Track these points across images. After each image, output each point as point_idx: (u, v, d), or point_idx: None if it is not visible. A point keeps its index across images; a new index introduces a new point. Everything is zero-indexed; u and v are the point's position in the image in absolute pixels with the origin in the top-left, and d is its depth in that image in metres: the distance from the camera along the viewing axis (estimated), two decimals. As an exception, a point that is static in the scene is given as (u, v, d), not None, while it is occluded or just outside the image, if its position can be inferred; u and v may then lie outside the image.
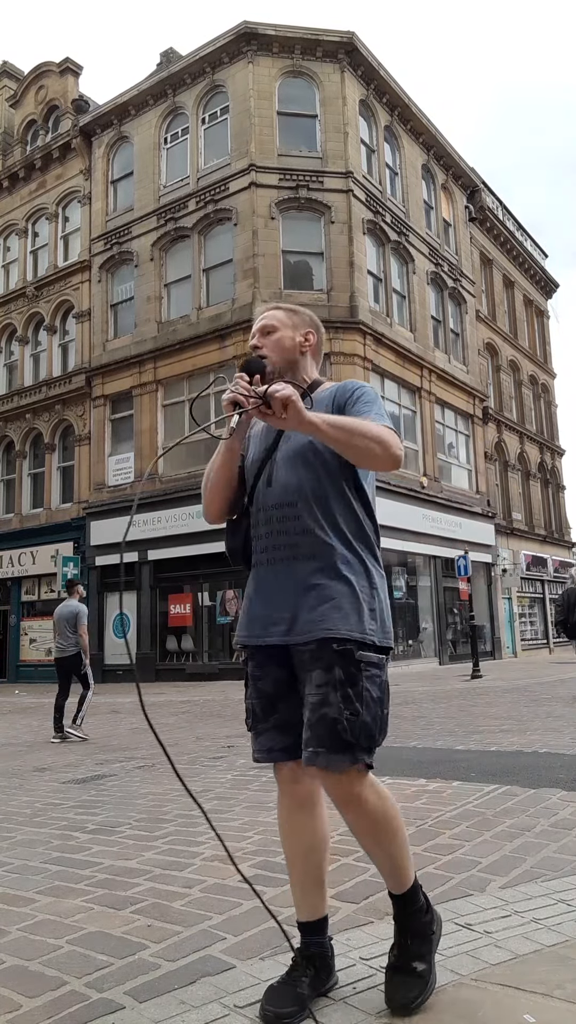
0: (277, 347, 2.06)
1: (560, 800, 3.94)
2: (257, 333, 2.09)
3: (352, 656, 1.82)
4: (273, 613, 1.92)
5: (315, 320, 2.17)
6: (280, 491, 1.95)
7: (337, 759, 1.77)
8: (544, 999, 1.83)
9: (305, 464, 1.94)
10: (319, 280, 19.04)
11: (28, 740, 8.34)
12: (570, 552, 33.09)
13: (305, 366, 2.11)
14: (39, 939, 2.39)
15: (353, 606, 1.86)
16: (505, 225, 29.31)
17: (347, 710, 1.78)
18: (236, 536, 2.06)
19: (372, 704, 1.83)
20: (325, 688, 1.80)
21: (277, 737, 1.95)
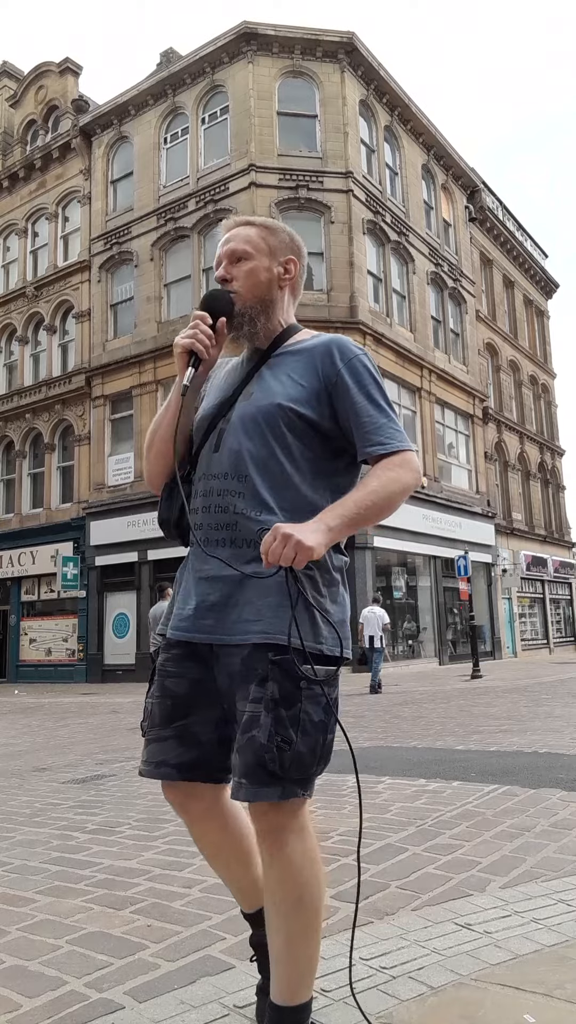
0: (249, 280, 1.65)
1: (560, 800, 3.93)
2: (224, 259, 1.68)
3: (292, 670, 1.46)
4: (201, 603, 1.58)
5: (297, 242, 1.75)
6: (227, 459, 1.57)
7: (262, 792, 1.44)
8: (544, 999, 1.82)
9: (262, 429, 1.57)
10: (319, 280, 19.05)
11: (28, 740, 8.34)
12: (570, 552, 33.10)
13: (283, 304, 1.71)
14: (39, 939, 2.39)
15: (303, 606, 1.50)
16: (505, 225, 29.32)
17: (279, 735, 1.44)
18: (171, 506, 1.65)
19: (311, 730, 1.47)
20: (257, 707, 1.46)
21: (175, 749, 1.60)
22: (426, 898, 2.57)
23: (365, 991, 1.91)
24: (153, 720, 1.63)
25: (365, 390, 1.60)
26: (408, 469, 1.55)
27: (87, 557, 20.63)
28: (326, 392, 1.59)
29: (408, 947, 2.15)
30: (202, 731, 1.60)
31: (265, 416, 1.57)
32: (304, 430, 1.57)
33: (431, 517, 20.79)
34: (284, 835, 1.47)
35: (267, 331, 1.68)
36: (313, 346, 1.65)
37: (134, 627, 19.69)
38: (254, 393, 1.61)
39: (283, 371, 1.62)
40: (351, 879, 2.81)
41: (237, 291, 1.65)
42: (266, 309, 1.66)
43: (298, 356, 1.64)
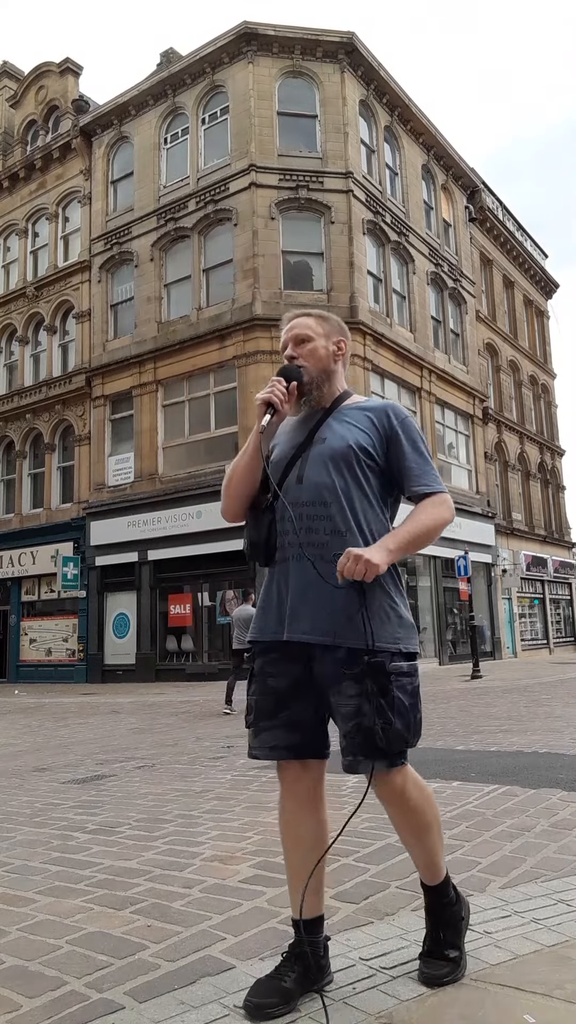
0: (312, 357, 2.08)
1: (560, 800, 3.94)
2: (291, 342, 2.11)
3: (383, 668, 1.86)
4: (297, 611, 1.92)
5: (343, 326, 2.20)
6: (312, 489, 1.97)
7: (375, 764, 1.85)
8: (544, 999, 1.83)
9: (339, 466, 1.97)
10: (319, 280, 19.05)
11: (28, 740, 8.33)
12: (570, 552, 33.09)
13: (339, 373, 2.15)
14: (39, 939, 2.39)
15: (384, 614, 1.90)
16: (505, 225, 29.31)
17: (381, 720, 1.83)
18: (259, 529, 2.02)
19: (404, 711, 1.88)
20: (358, 699, 1.85)
21: (283, 735, 1.95)
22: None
23: (365, 991, 1.91)
24: (260, 713, 1.99)
25: (414, 443, 2.04)
26: (446, 508, 2.02)
27: (87, 557, 20.62)
28: (384, 441, 2.04)
29: (408, 947, 2.16)
30: (303, 716, 1.96)
31: (341, 455, 1.99)
32: (369, 467, 2.00)
33: (431, 517, 20.76)
34: (404, 790, 1.93)
35: (328, 394, 2.11)
36: (372, 406, 2.11)
37: (134, 627, 19.69)
38: (327, 438, 2.02)
39: (349, 422, 2.05)
40: (351, 879, 2.82)
41: (304, 365, 2.07)
42: (328, 378, 2.11)
43: (360, 412, 2.08)
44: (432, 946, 1.99)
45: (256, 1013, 1.80)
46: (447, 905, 2.03)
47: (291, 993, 1.85)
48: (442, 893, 2.04)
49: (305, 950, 1.91)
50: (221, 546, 17.75)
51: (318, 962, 1.95)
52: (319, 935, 1.98)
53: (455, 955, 1.97)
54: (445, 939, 1.99)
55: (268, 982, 1.88)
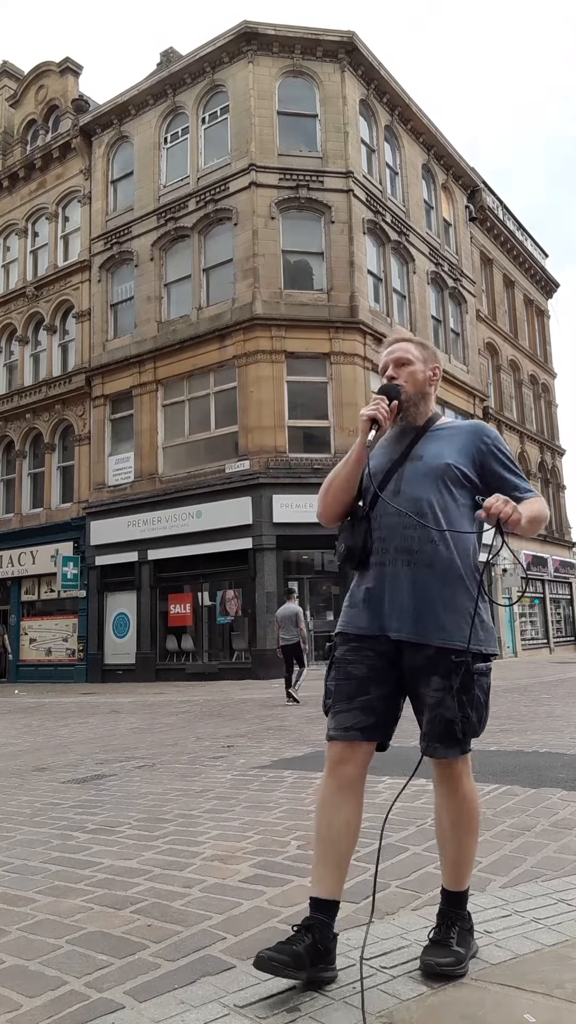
0: (411, 379, 2.26)
1: (560, 800, 3.93)
2: (392, 364, 2.29)
3: (468, 667, 2.03)
4: (391, 611, 2.10)
5: (437, 354, 2.43)
6: (409, 501, 2.12)
7: (450, 752, 2.06)
8: (544, 999, 1.83)
9: (435, 481, 2.14)
10: (319, 280, 19.04)
11: (28, 740, 8.33)
12: (570, 552, 33.09)
13: (432, 397, 2.35)
14: (39, 939, 2.39)
15: (469, 617, 2.06)
16: (505, 225, 29.30)
17: (461, 713, 2.02)
18: (356, 536, 2.18)
19: (480, 706, 2.08)
20: (441, 692, 2.04)
21: (359, 717, 2.10)
22: (426, 898, 2.57)
23: (365, 991, 1.91)
24: (340, 696, 2.14)
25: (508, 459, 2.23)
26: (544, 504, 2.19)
27: (87, 557, 20.62)
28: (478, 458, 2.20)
29: (408, 947, 2.16)
30: (378, 703, 2.11)
31: (437, 471, 2.15)
32: (462, 482, 2.16)
33: (431, 517, 20.78)
34: (462, 778, 2.10)
35: (422, 414, 2.30)
36: (463, 427, 2.29)
37: (134, 627, 19.69)
38: (423, 456, 2.20)
39: (443, 441, 2.23)
40: (351, 879, 2.81)
41: (403, 386, 2.25)
42: (424, 399, 2.30)
43: (452, 432, 2.26)
44: (440, 936, 2.06)
45: (264, 963, 1.89)
46: (460, 916, 2.11)
47: (301, 957, 1.91)
48: (460, 902, 2.13)
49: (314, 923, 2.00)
50: (221, 546, 17.76)
51: (328, 939, 2.00)
52: (331, 916, 2.04)
53: (460, 951, 2.02)
54: (454, 935, 2.06)
55: (280, 945, 1.96)
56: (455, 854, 2.13)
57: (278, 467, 17.44)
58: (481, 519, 2.02)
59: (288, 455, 17.70)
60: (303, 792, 4.46)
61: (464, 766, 2.11)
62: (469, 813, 2.12)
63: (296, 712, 9.76)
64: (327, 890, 2.05)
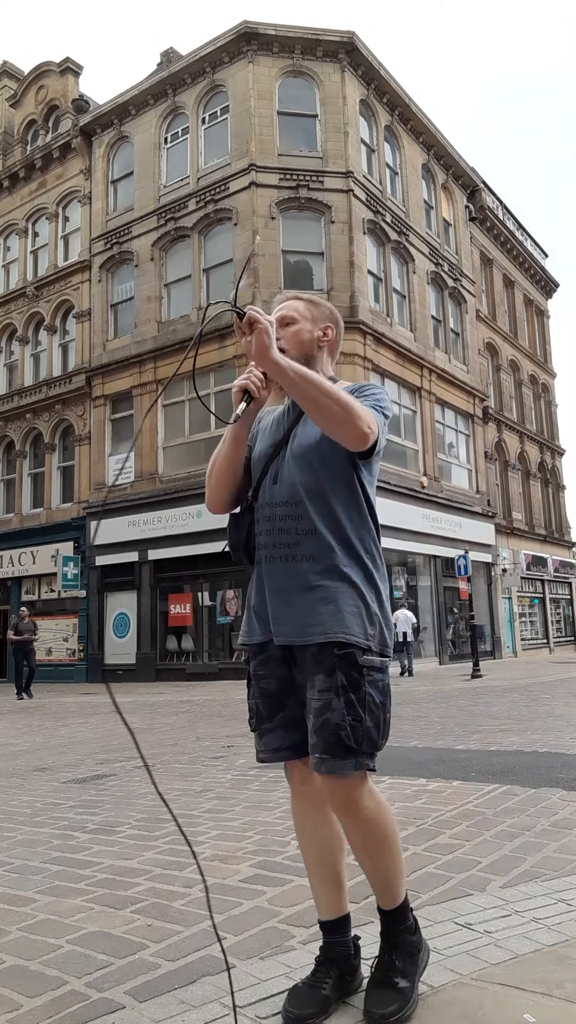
0: (294, 340, 1.99)
1: (560, 800, 3.94)
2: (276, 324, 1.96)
3: (355, 661, 1.79)
4: (274, 612, 1.88)
5: (335, 314, 2.11)
6: (286, 489, 1.90)
7: (340, 764, 1.76)
8: (544, 999, 1.83)
9: (313, 462, 1.89)
10: (319, 280, 19.04)
11: (28, 740, 8.34)
12: (570, 552, 33.10)
13: (322, 361, 2.04)
14: (39, 939, 2.39)
15: (355, 610, 1.82)
16: (505, 225, 29.30)
17: (350, 716, 1.76)
18: (239, 531, 2.00)
19: (375, 709, 1.81)
20: (328, 693, 1.78)
21: (284, 736, 1.92)
22: (426, 898, 2.58)
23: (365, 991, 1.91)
24: (260, 717, 1.96)
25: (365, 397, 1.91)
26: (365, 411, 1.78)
27: (87, 557, 20.63)
28: None
29: (408, 947, 2.15)
30: (298, 714, 1.90)
31: (311, 452, 1.90)
32: (340, 463, 1.88)
33: (431, 517, 20.80)
34: (360, 800, 1.80)
35: None
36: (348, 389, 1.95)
37: (134, 627, 19.69)
38: (302, 433, 1.94)
39: None
40: (351, 879, 2.81)
41: (284, 348, 1.93)
42: (308, 364, 1.93)
43: None
44: (380, 973, 1.83)
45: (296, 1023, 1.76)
46: (403, 932, 1.89)
47: (329, 1000, 1.81)
48: (398, 919, 1.89)
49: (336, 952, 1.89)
50: (221, 546, 17.56)
51: (351, 964, 1.92)
52: (346, 935, 1.94)
53: (405, 985, 1.80)
54: (397, 965, 1.83)
55: (307, 990, 1.83)
56: (375, 873, 1.89)
57: (278, 467, 17.43)
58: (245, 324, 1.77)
59: (288, 455, 17.68)
60: (303, 792, 4.46)
61: (361, 786, 1.81)
62: (379, 834, 1.84)
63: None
64: (333, 910, 1.94)
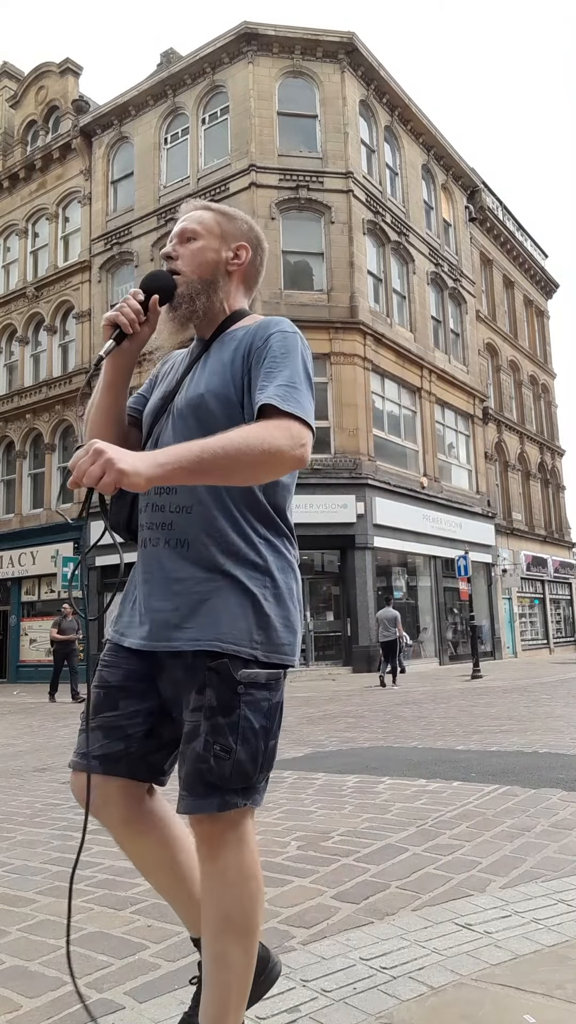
0: (195, 260, 1.57)
1: (560, 800, 3.93)
2: (175, 237, 1.61)
3: (229, 675, 1.39)
4: (141, 608, 1.52)
5: (255, 232, 1.69)
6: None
7: (199, 804, 1.38)
8: (544, 999, 1.82)
9: (193, 423, 1.47)
10: (319, 280, 19.05)
11: (28, 740, 8.33)
12: (570, 552, 33.10)
13: (228, 290, 1.62)
14: (39, 939, 2.39)
15: (237, 610, 1.42)
16: (505, 225, 29.32)
17: (216, 744, 1.38)
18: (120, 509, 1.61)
19: (251, 737, 1.40)
20: (196, 714, 1.40)
21: (99, 739, 1.50)
22: (426, 898, 2.57)
23: (365, 991, 1.91)
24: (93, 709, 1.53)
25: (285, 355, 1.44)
26: (286, 435, 1.33)
27: (87, 557, 20.61)
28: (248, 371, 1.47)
29: (408, 947, 2.15)
30: (132, 724, 1.50)
31: (193, 409, 1.49)
32: (230, 420, 1.43)
33: (431, 517, 20.80)
34: (220, 848, 1.40)
35: (209, 315, 1.58)
36: (250, 327, 1.55)
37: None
38: (191, 384, 1.53)
39: (216, 359, 1.53)
40: (351, 879, 2.81)
41: (180, 270, 1.57)
42: (207, 290, 1.57)
43: (235, 340, 1.54)
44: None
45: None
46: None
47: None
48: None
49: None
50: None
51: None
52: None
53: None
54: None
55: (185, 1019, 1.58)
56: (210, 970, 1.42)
57: (278, 467, 17.43)
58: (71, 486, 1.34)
59: (288, 455, 17.68)
60: (303, 792, 4.46)
61: (228, 830, 1.39)
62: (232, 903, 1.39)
63: (295, 713, 9.76)
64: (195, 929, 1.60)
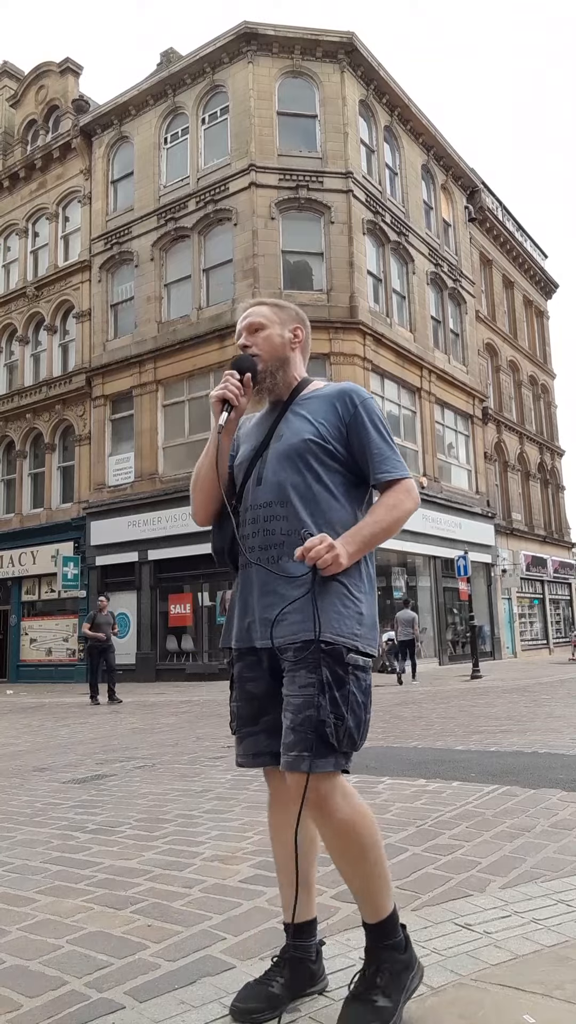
0: (267, 344, 2.01)
1: (560, 800, 3.94)
2: (244, 331, 2.04)
3: (341, 658, 1.77)
4: (260, 616, 1.86)
5: (301, 314, 2.12)
6: (269, 490, 1.89)
7: (320, 763, 1.70)
8: (544, 999, 1.83)
9: (296, 462, 1.88)
10: (319, 280, 19.05)
11: (28, 740, 8.33)
12: (570, 552, 33.10)
13: (295, 363, 2.06)
14: (39, 939, 2.39)
15: (343, 610, 1.79)
16: (505, 225, 29.32)
17: (333, 713, 1.72)
18: (223, 536, 1.99)
19: (357, 709, 1.78)
20: (310, 689, 1.73)
21: (266, 741, 1.88)
22: (426, 898, 2.58)
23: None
24: (242, 720, 1.93)
25: (376, 427, 1.92)
26: (409, 496, 1.89)
27: (87, 557, 20.63)
28: (344, 427, 1.92)
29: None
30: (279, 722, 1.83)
31: (297, 451, 1.89)
32: (328, 460, 1.89)
33: (431, 517, 20.80)
34: (335, 800, 1.73)
35: (285, 383, 2.02)
36: (330, 392, 1.98)
37: (134, 627, 19.69)
38: (284, 434, 1.93)
39: (305, 414, 1.95)
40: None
41: (258, 353, 2.00)
42: (282, 366, 2.01)
43: (318, 400, 1.97)
44: (358, 989, 1.73)
45: (241, 1017, 1.77)
46: (390, 949, 1.78)
47: (278, 999, 1.81)
48: (385, 933, 1.79)
49: (295, 955, 1.88)
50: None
51: (308, 968, 1.90)
52: (311, 939, 1.93)
53: (384, 1005, 1.69)
54: (379, 983, 1.72)
55: (256, 987, 1.84)
56: (360, 884, 1.80)
57: (278, 467, 17.44)
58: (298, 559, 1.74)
59: (288, 455, 17.70)
60: (303, 792, 4.46)
61: (337, 785, 1.75)
62: (359, 839, 1.75)
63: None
64: (300, 914, 1.87)
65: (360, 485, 1.95)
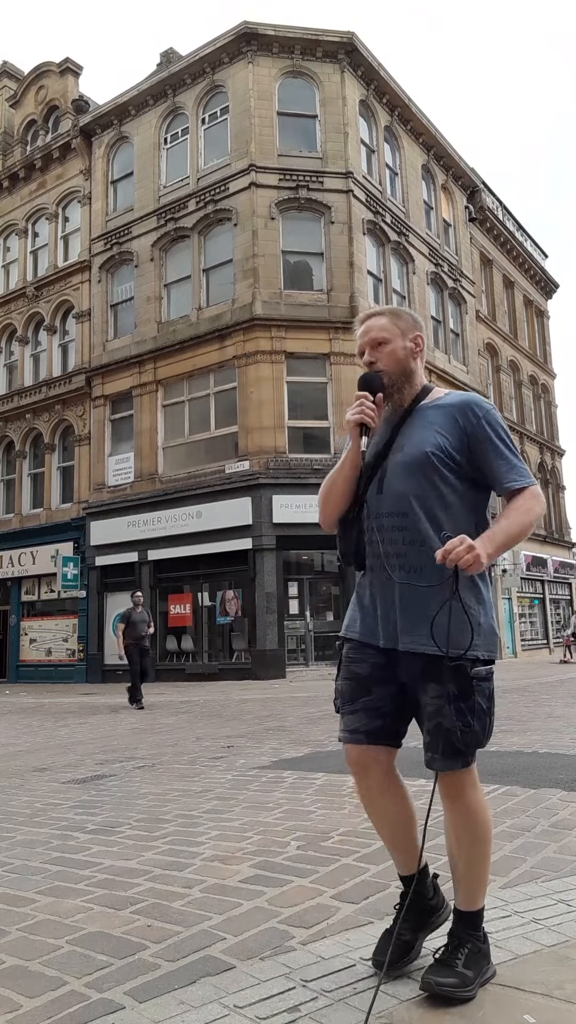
0: (391, 360, 2.06)
1: (560, 800, 3.94)
2: (367, 346, 2.09)
3: (465, 673, 1.90)
4: (381, 619, 2.00)
5: (418, 319, 2.15)
6: (391, 499, 1.98)
7: (450, 764, 1.91)
8: (544, 999, 1.83)
9: (418, 473, 1.96)
10: (319, 280, 19.04)
11: (28, 740, 8.34)
12: (570, 552, 33.10)
13: (419, 372, 2.12)
14: (39, 939, 2.39)
15: (465, 625, 1.89)
16: (505, 225, 29.31)
17: (459, 722, 1.89)
18: (348, 541, 2.07)
19: (482, 715, 1.94)
20: (439, 700, 1.90)
21: (363, 720, 2.01)
22: (426, 898, 2.57)
23: (365, 991, 1.91)
24: (344, 698, 2.06)
25: (501, 438, 1.99)
26: (537, 501, 1.97)
27: (87, 557, 20.62)
28: (467, 439, 1.98)
29: (408, 947, 2.15)
30: (383, 704, 2.01)
31: (418, 462, 1.96)
32: (450, 471, 1.96)
33: (431, 517, 20.78)
34: (466, 790, 1.96)
35: (410, 394, 2.08)
36: (452, 403, 2.04)
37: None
38: (405, 444, 2.01)
39: (426, 423, 2.02)
40: (351, 879, 2.82)
41: (384, 370, 2.05)
42: (409, 378, 2.07)
43: (439, 411, 2.03)
44: (446, 956, 1.92)
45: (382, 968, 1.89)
46: (474, 939, 1.95)
47: (411, 944, 2.03)
48: (472, 924, 1.97)
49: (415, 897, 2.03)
50: (221, 546, 17.76)
51: (427, 904, 2.10)
52: (426, 878, 2.11)
53: (466, 972, 1.87)
54: (461, 957, 1.90)
55: (388, 938, 1.98)
56: (463, 870, 1.99)
57: (278, 467, 17.45)
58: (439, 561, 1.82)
59: (288, 455, 17.71)
60: (303, 792, 4.46)
61: (467, 777, 1.96)
62: (475, 827, 1.96)
63: (296, 713, 9.76)
64: (404, 868, 2.11)
65: (479, 495, 2.03)
